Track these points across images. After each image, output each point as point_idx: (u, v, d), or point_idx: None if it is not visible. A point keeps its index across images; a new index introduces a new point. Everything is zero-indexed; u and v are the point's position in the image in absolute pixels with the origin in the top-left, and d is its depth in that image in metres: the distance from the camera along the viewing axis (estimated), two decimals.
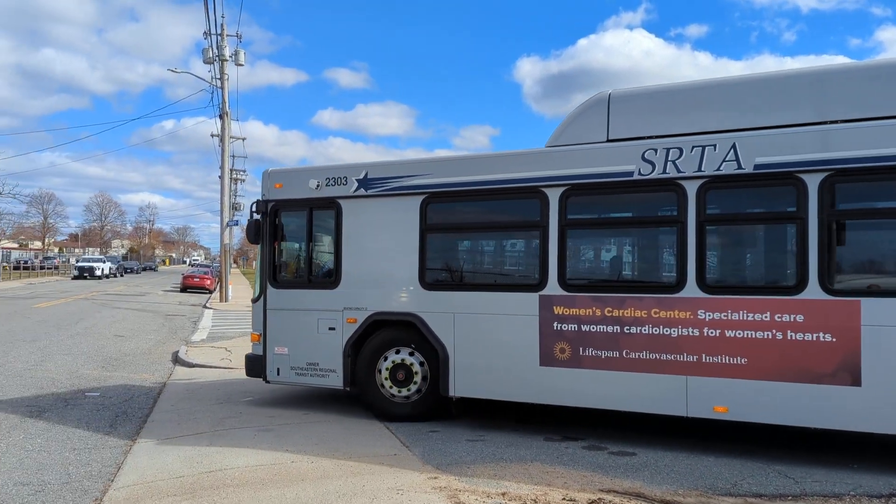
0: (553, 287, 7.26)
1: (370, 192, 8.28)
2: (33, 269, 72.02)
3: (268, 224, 8.85)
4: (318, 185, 8.57)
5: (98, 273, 58.57)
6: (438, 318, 7.85)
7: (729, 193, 6.75)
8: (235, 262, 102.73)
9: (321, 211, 8.64)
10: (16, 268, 71.13)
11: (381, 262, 8.23)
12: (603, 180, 7.11)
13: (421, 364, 8.03)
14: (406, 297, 8.06)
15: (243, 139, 42.78)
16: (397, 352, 8.14)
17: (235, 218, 39.47)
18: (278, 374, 8.71)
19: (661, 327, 6.79)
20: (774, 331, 6.35)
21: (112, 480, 6.03)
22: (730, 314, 6.53)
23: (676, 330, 6.71)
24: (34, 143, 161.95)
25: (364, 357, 8.23)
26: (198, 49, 30.07)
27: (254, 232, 8.94)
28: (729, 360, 6.52)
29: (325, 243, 8.80)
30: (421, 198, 7.99)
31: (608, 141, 7.35)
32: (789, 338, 6.31)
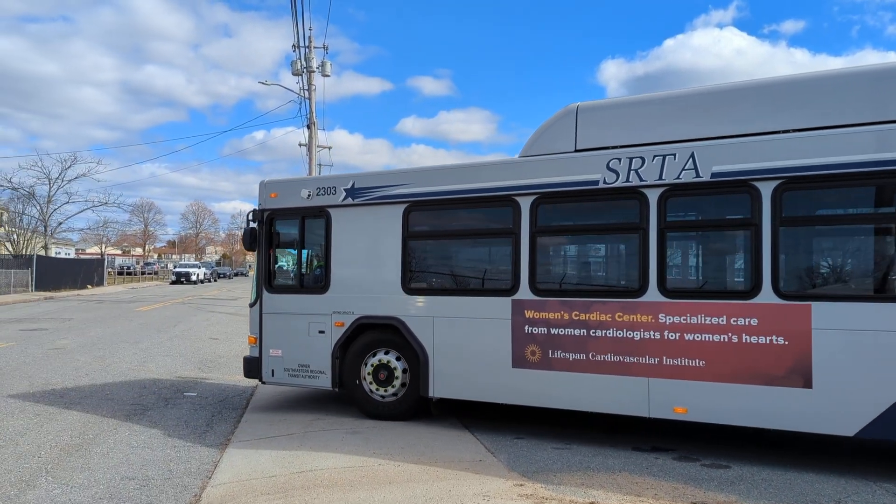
0: (524, 292, 7.52)
1: (357, 200, 8.65)
2: (135, 274, 76.17)
3: (263, 232, 9.29)
4: (309, 195, 8.97)
5: (194, 278, 61.36)
6: (419, 321, 8.17)
7: (688, 201, 7.01)
8: None
9: (312, 219, 9.03)
10: (119, 273, 75.39)
11: (367, 268, 8.60)
12: (571, 189, 7.36)
13: (405, 369, 8.32)
14: (389, 301, 8.37)
15: (329, 148, 43.90)
16: (381, 353, 8.46)
17: None
18: (273, 375, 9.13)
19: (625, 330, 7.00)
20: (730, 334, 6.54)
21: (209, 478, 6.28)
22: (688, 318, 6.73)
23: (639, 333, 6.93)
24: (136, 156, 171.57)
25: (350, 359, 8.58)
26: (287, 61, 31.10)
27: (249, 239, 9.39)
28: (688, 362, 6.71)
29: (316, 250, 9.17)
30: (403, 206, 8.33)
31: (576, 151, 7.59)
32: (744, 341, 6.49)
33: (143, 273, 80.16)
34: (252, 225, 9.41)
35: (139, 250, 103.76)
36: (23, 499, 5.73)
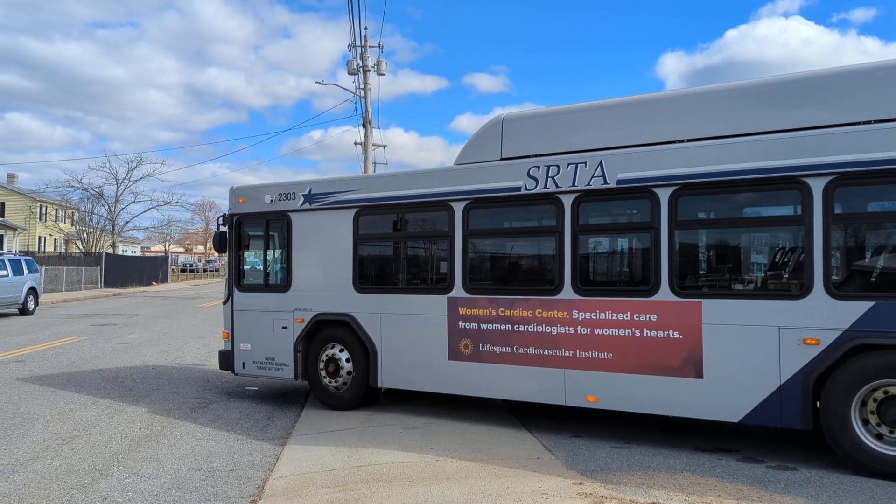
0: (458, 290, 8.11)
1: (314, 205, 9.28)
2: (197, 271, 78.29)
3: (233, 235, 9.98)
4: (272, 200, 9.66)
5: None
6: (368, 317, 8.79)
7: (598, 206, 7.54)
8: None
9: (275, 223, 9.70)
10: (182, 270, 77.64)
11: (324, 268, 9.24)
12: (497, 195, 7.90)
13: (347, 358, 8.97)
14: (343, 299, 8.98)
15: (384, 146, 44.32)
16: (332, 347, 9.09)
17: None
18: (244, 367, 9.81)
19: (544, 326, 7.56)
20: (634, 329, 7.07)
21: (272, 470, 6.42)
22: (598, 314, 7.27)
23: (556, 328, 7.48)
24: (198, 156, 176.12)
25: (311, 352, 9.26)
26: (343, 61, 31.43)
27: (219, 242, 10.15)
28: (598, 354, 7.26)
29: (279, 251, 9.82)
30: (353, 210, 8.93)
31: (501, 159, 8.09)
32: (645, 335, 7.01)
33: (204, 270, 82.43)
34: (222, 229, 10.15)
35: (201, 248, 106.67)
36: (96, 487, 5.96)
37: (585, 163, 7.37)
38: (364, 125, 30.65)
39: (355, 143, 40.27)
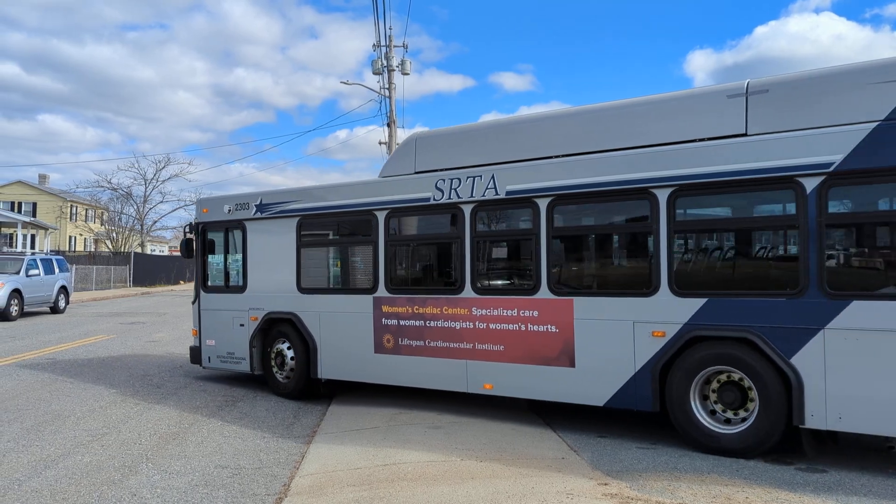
0: (382, 290, 8.98)
1: (264, 214, 10.30)
2: None
3: (198, 242, 11.09)
4: (230, 210, 10.73)
5: None
6: (310, 315, 9.72)
7: (491, 214, 8.34)
8: None
9: (233, 230, 10.77)
10: None
11: (273, 271, 10.17)
12: (411, 205, 8.77)
13: (290, 352, 9.97)
14: (289, 299, 9.94)
15: None
16: (281, 342, 10.09)
17: None
18: (209, 361, 10.97)
19: (450, 321, 8.42)
20: (520, 324, 7.90)
21: (297, 468, 6.47)
22: (492, 310, 8.11)
23: (459, 323, 8.34)
24: (226, 156, 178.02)
25: (262, 347, 10.34)
26: (369, 61, 31.47)
27: (186, 248, 11.33)
28: (492, 347, 8.09)
29: (237, 256, 10.79)
30: (296, 219, 9.88)
31: (415, 173, 8.96)
32: (529, 329, 7.84)
33: None
34: (189, 236, 11.30)
35: None
36: (126, 483, 6.06)
37: (481, 176, 8.21)
38: (388, 124, 30.75)
39: (380, 143, 40.40)
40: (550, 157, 7.89)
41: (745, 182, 6.62)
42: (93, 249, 68.11)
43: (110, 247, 60.15)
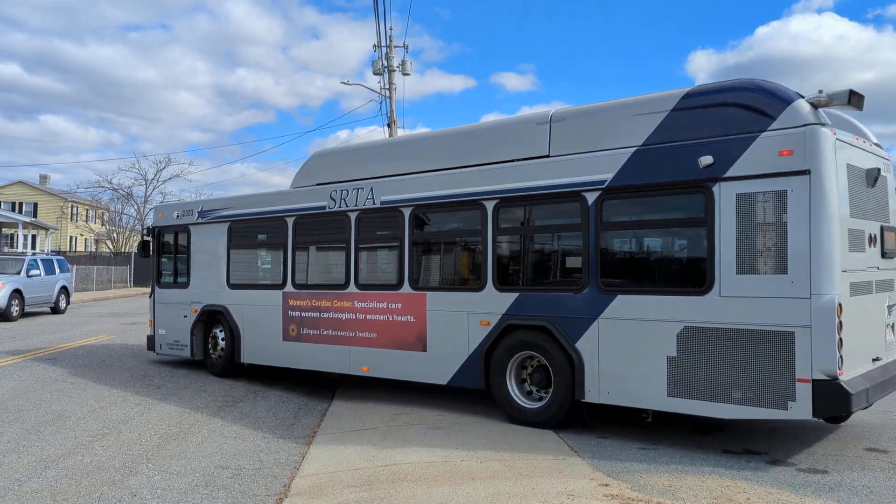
0: (289, 286, 10.43)
1: (203, 220, 11.95)
2: None
3: (153, 243, 12.93)
4: (178, 216, 12.42)
5: None
6: (235, 308, 11.30)
7: (370, 221, 9.58)
8: None
9: (181, 234, 12.46)
10: None
11: (210, 269, 11.79)
12: (312, 212, 10.18)
13: (223, 338, 11.58)
14: (220, 293, 11.54)
15: None
16: (217, 329, 11.75)
17: None
18: (161, 348, 12.67)
19: (338, 313, 9.74)
20: (388, 315, 9.17)
21: (298, 469, 6.47)
22: (368, 303, 9.40)
23: (344, 315, 9.66)
24: (227, 156, 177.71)
25: (203, 335, 12.00)
26: (370, 61, 31.42)
27: (142, 249, 13.36)
28: (368, 335, 9.37)
29: (183, 256, 12.44)
30: (227, 224, 11.50)
31: (315, 185, 10.30)
32: (394, 319, 9.10)
33: None
34: (146, 238, 13.27)
35: None
36: (126, 484, 6.05)
37: (363, 188, 9.54)
38: (389, 125, 30.74)
39: None
40: (413, 173, 9.13)
41: (547, 195, 7.89)
42: (93, 250, 68.14)
43: (111, 247, 60.16)
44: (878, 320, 7.15)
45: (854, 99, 6.53)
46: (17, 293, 21.41)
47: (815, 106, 6.52)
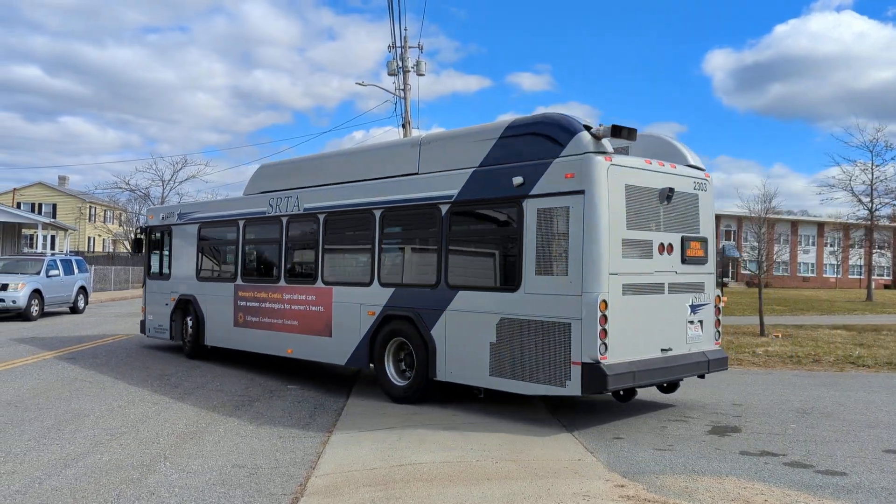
0: (239, 280, 12.53)
1: (181, 221, 14.26)
2: None
3: (145, 240, 15.48)
4: (163, 217, 14.91)
5: None
6: (202, 298, 13.42)
7: (296, 225, 11.36)
8: None
9: (165, 233, 14.74)
10: None
11: (185, 264, 14.03)
12: (257, 216, 12.17)
13: (192, 324, 13.61)
14: (191, 285, 13.72)
15: None
16: (188, 317, 13.76)
17: None
18: (150, 332, 15.10)
19: (272, 303, 11.64)
20: (306, 305, 10.92)
21: (313, 468, 6.49)
22: (294, 295, 11.18)
23: (276, 305, 11.55)
24: (243, 157, 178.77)
25: (180, 321, 14.03)
26: (385, 62, 31.45)
27: (135, 245, 16.33)
28: (292, 322, 11.19)
29: (166, 252, 14.74)
30: (198, 225, 13.71)
31: (261, 193, 12.29)
32: (309, 309, 10.86)
33: None
34: (139, 236, 15.87)
35: None
36: (144, 482, 6.11)
37: (291, 196, 11.34)
38: (403, 125, 30.80)
39: None
40: (327, 185, 10.83)
41: (415, 206, 9.39)
42: (111, 250, 68.76)
43: (128, 247, 60.63)
44: (674, 317, 8.40)
45: (625, 132, 7.89)
46: (36, 293, 21.66)
47: (595, 136, 7.74)
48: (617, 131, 7.79)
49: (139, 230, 15.23)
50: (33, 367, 12.48)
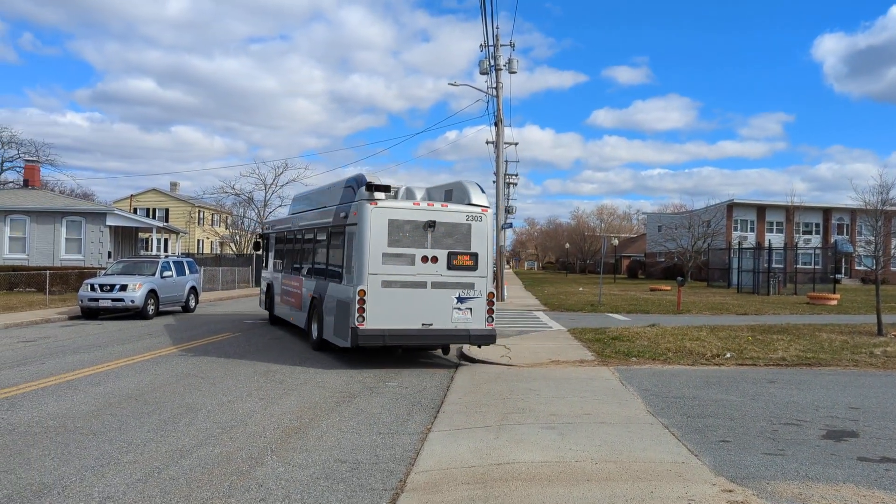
0: (279, 272, 19.81)
1: (270, 230, 21.64)
2: None
3: (262, 243, 22.53)
4: (265, 228, 23.79)
5: None
6: (274, 282, 20.35)
7: (283, 238, 19.16)
8: (508, 262, 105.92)
9: (270, 237, 21.97)
10: None
11: (268, 261, 21.66)
12: (286, 228, 19.13)
13: (267, 300, 21.26)
14: (269, 274, 21.24)
15: (515, 144, 44.39)
16: (269, 295, 21.54)
17: (509, 220, 40.82)
18: (260, 304, 22.65)
19: (288, 287, 18.18)
20: (298, 289, 16.75)
21: (412, 465, 6.59)
22: (296, 282, 17.41)
23: (286, 288, 18.59)
24: (340, 160, 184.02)
25: (266, 297, 21.66)
26: (478, 61, 31.49)
27: (256, 246, 23.97)
28: (296, 300, 16.96)
29: (271, 252, 21.64)
30: (274, 234, 20.68)
31: (291, 214, 18.90)
32: (299, 291, 16.54)
33: None
34: (258, 240, 23.36)
35: None
36: (253, 474, 6.38)
37: (294, 217, 17.96)
38: (495, 124, 30.75)
39: (487, 142, 40.47)
40: (298, 213, 17.91)
41: (322, 228, 14.97)
42: (218, 252, 72.14)
43: (234, 249, 63.46)
44: (439, 304, 12.19)
45: (376, 187, 12.06)
46: (152, 293, 22.99)
47: (369, 189, 12.02)
48: (370, 187, 12.01)
49: (258, 235, 22.58)
50: (151, 362, 13.24)
